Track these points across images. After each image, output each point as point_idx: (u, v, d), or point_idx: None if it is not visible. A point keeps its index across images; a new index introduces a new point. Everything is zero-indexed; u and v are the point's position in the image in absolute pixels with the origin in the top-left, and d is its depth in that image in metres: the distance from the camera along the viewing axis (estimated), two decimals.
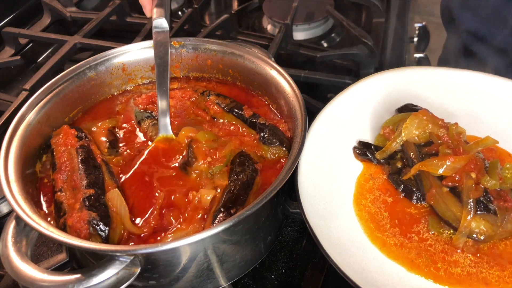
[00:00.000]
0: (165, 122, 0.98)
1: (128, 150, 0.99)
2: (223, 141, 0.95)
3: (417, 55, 1.79)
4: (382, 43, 1.48)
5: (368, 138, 1.07)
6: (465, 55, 1.50)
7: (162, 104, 0.99)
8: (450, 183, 0.88)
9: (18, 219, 0.76)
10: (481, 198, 0.84)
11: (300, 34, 1.59)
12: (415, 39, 1.80)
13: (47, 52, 1.59)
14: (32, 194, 0.88)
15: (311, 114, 1.02)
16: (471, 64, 1.25)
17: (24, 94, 1.25)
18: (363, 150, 1.03)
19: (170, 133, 0.98)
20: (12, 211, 0.76)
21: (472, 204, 0.84)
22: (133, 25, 1.59)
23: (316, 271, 0.90)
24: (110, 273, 0.68)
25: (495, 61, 1.39)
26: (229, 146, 0.94)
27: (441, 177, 0.89)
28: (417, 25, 1.81)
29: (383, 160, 1.01)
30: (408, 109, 1.05)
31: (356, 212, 0.93)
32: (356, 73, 1.39)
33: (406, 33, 1.60)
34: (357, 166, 1.02)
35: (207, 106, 1.05)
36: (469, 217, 0.83)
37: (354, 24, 1.50)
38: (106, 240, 0.80)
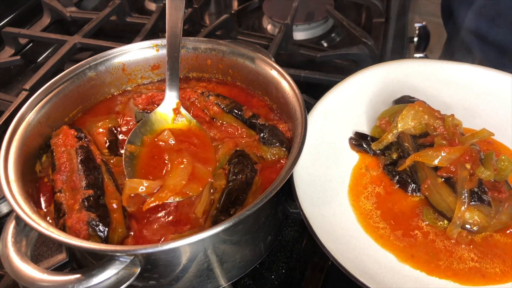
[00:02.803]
0: (174, 93, 0.95)
1: None
2: (216, 145, 0.95)
3: (417, 55, 1.79)
4: (382, 43, 1.48)
5: (365, 129, 1.07)
6: (465, 53, 1.50)
7: (172, 68, 0.95)
8: (444, 174, 0.88)
9: (18, 219, 0.76)
10: (476, 189, 0.85)
11: (300, 34, 1.58)
12: (415, 39, 1.80)
13: (47, 52, 1.60)
14: (32, 194, 0.88)
15: None
16: (470, 61, 1.24)
17: (24, 94, 1.25)
18: (359, 141, 1.03)
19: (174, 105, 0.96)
20: (12, 211, 0.76)
21: (466, 194, 0.84)
22: (133, 25, 1.59)
23: (316, 271, 0.90)
24: (110, 273, 0.68)
25: (494, 58, 1.38)
26: (222, 150, 0.94)
27: (436, 168, 0.90)
28: (417, 25, 1.81)
29: (379, 151, 1.01)
30: (405, 100, 1.05)
31: (350, 202, 0.94)
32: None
33: (406, 33, 1.60)
34: (353, 157, 1.03)
35: (207, 107, 1.05)
36: (463, 208, 0.84)
37: (354, 24, 1.50)
38: (105, 240, 0.80)
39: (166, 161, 0.90)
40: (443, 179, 0.88)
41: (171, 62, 0.97)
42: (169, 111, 0.99)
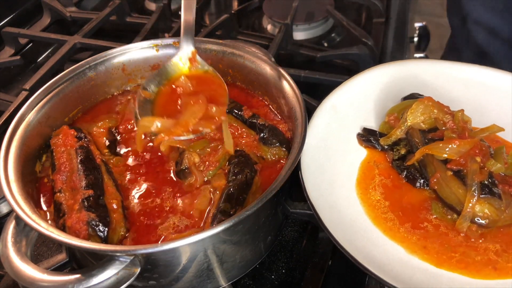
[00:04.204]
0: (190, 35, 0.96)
1: (127, 151, 1.00)
2: (216, 145, 0.95)
3: (417, 55, 1.79)
4: (382, 43, 1.48)
5: (373, 125, 1.07)
6: (470, 48, 1.49)
7: (187, 17, 0.96)
8: (454, 167, 0.87)
9: (18, 219, 0.76)
10: (486, 182, 0.84)
11: (300, 34, 1.58)
12: (415, 39, 1.80)
13: (47, 52, 1.59)
14: (32, 194, 0.88)
15: (311, 114, 1.02)
16: (476, 55, 1.23)
17: (24, 94, 1.25)
18: (368, 136, 1.03)
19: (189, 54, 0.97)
20: (12, 211, 0.76)
21: (476, 187, 0.83)
22: (133, 25, 1.59)
23: (316, 271, 0.90)
24: (110, 273, 0.68)
25: (502, 51, 1.37)
26: (222, 150, 0.93)
27: (446, 162, 0.89)
28: (417, 25, 1.81)
29: (387, 147, 1.01)
30: (414, 97, 1.04)
31: (359, 196, 0.93)
32: (356, 73, 1.38)
33: (406, 33, 1.60)
34: (361, 152, 1.02)
35: None
36: (473, 200, 0.83)
37: (354, 24, 1.49)
38: (105, 240, 0.80)
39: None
40: (452, 172, 0.87)
41: (187, 11, 0.97)
42: (184, 61, 0.98)
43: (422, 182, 0.93)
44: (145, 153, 0.98)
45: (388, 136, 1.00)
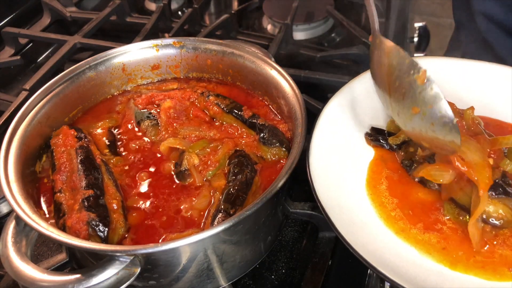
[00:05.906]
0: None
1: (127, 151, 1.00)
2: (216, 145, 0.95)
3: (417, 55, 1.79)
4: None
5: (380, 124, 1.06)
6: (476, 43, 1.47)
7: None
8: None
9: (18, 219, 0.76)
10: (500, 181, 0.83)
11: (300, 34, 1.58)
12: (415, 39, 1.80)
13: (47, 52, 1.59)
14: (32, 194, 0.88)
15: (311, 114, 1.02)
16: (482, 52, 1.21)
17: (24, 94, 1.25)
18: (376, 136, 1.01)
19: None
20: (12, 211, 0.76)
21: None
22: (133, 25, 1.59)
23: (316, 271, 0.90)
24: (110, 273, 0.68)
25: (509, 46, 1.36)
26: (222, 150, 0.93)
27: None
28: (417, 25, 1.81)
29: (395, 146, 0.99)
30: None
31: (369, 196, 0.92)
32: (356, 73, 1.38)
33: (406, 33, 1.60)
34: (369, 152, 1.01)
35: (207, 107, 1.05)
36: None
37: (354, 24, 1.50)
38: (105, 240, 0.80)
39: None
40: None
41: None
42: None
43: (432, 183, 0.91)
44: (145, 154, 0.98)
45: (397, 135, 0.99)
